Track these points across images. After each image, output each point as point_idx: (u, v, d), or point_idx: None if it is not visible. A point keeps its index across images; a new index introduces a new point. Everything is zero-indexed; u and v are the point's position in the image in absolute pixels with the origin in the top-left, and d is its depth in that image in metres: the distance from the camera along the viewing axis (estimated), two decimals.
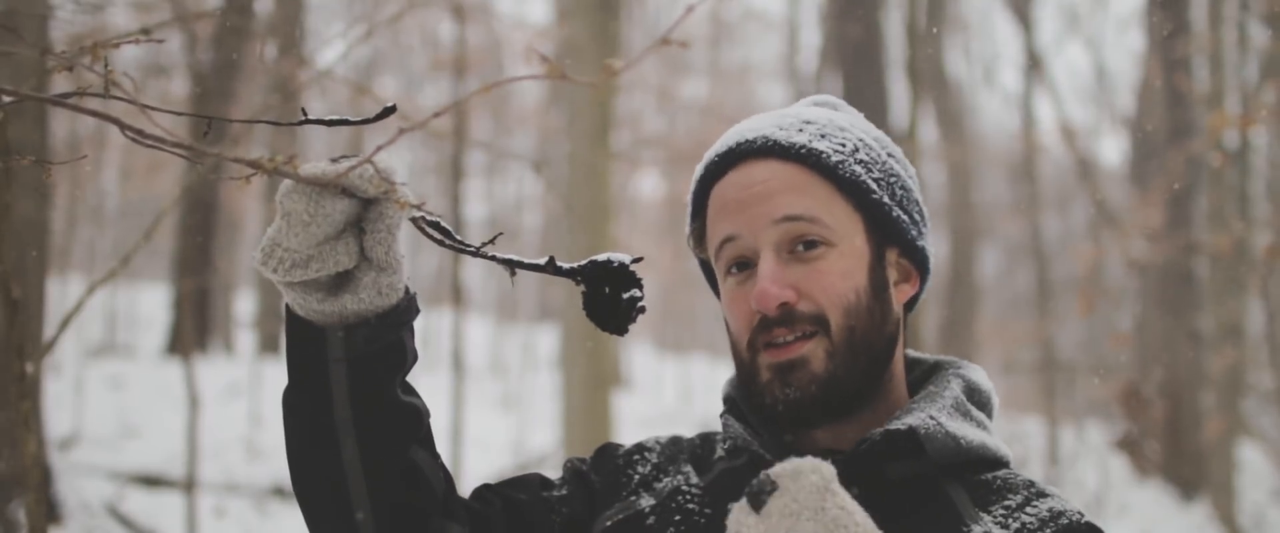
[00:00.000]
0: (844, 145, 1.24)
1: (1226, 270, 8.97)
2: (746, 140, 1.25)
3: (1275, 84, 8.05)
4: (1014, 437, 12.99)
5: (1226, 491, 9.35)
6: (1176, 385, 11.39)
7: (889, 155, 1.29)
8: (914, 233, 1.27)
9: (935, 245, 1.33)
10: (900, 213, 1.25)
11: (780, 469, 0.97)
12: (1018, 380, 16.41)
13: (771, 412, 1.22)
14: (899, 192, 1.26)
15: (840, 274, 1.20)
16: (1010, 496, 1.19)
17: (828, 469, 0.97)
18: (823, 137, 1.24)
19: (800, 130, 1.24)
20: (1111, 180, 16.76)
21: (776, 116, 1.28)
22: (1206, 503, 10.53)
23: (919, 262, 1.29)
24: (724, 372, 1.30)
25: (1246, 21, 9.04)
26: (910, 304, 1.31)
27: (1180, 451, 11.49)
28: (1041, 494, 1.19)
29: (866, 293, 1.21)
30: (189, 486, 6.07)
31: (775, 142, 1.23)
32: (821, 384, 1.19)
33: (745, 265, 1.23)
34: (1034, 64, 14.11)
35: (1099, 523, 1.17)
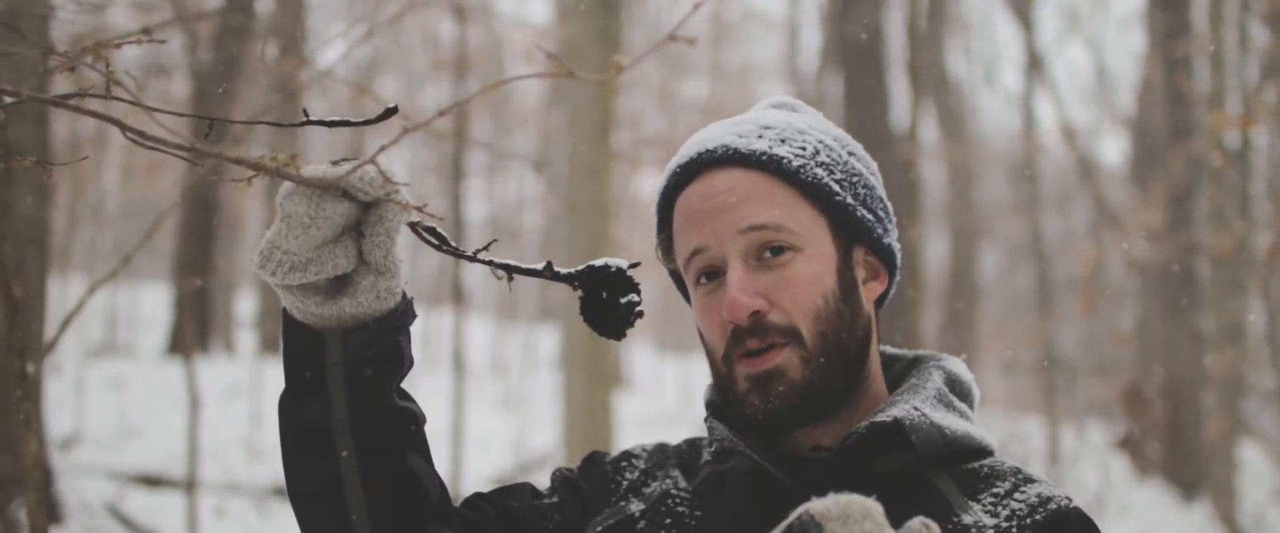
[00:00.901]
0: (804, 149, 1.25)
1: (1227, 271, 8.97)
2: (707, 150, 1.25)
3: (1276, 84, 8.05)
4: (1014, 437, 13.00)
5: (1227, 491, 9.35)
6: (1177, 385, 11.39)
7: (850, 154, 1.29)
8: (879, 231, 1.28)
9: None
10: (864, 212, 1.26)
11: (824, 510, 0.89)
12: (1018, 380, 16.42)
13: (752, 421, 1.22)
14: (862, 190, 1.27)
15: (808, 280, 1.21)
16: (998, 483, 1.20)
17: (878, 510, 0.90)
18: (783, 141, 1.25)
19: (759, 136, 1.25)
20: (1112, 180, 16.76)
21: (734, 123, 1.28)
22: (1207, 503, 10.53)
23: (886, 258, 1.30)
24: None
25: (1247, 21, 9.03)
26: (881, 300, 1.32)
27: (1181, 451, 11.49)
28: (1028, 481, 1.20)
29: (835, 296, 1.22)
30: (189, 486, 6.06)
31: (736, 149, 1.24)
32: (800, 392, 1.20)
33: (715, 275, 1.24)
34: (1034, 64, 14.11)
35: (1092, 517, 1.18)
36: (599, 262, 1.12)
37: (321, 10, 15.07)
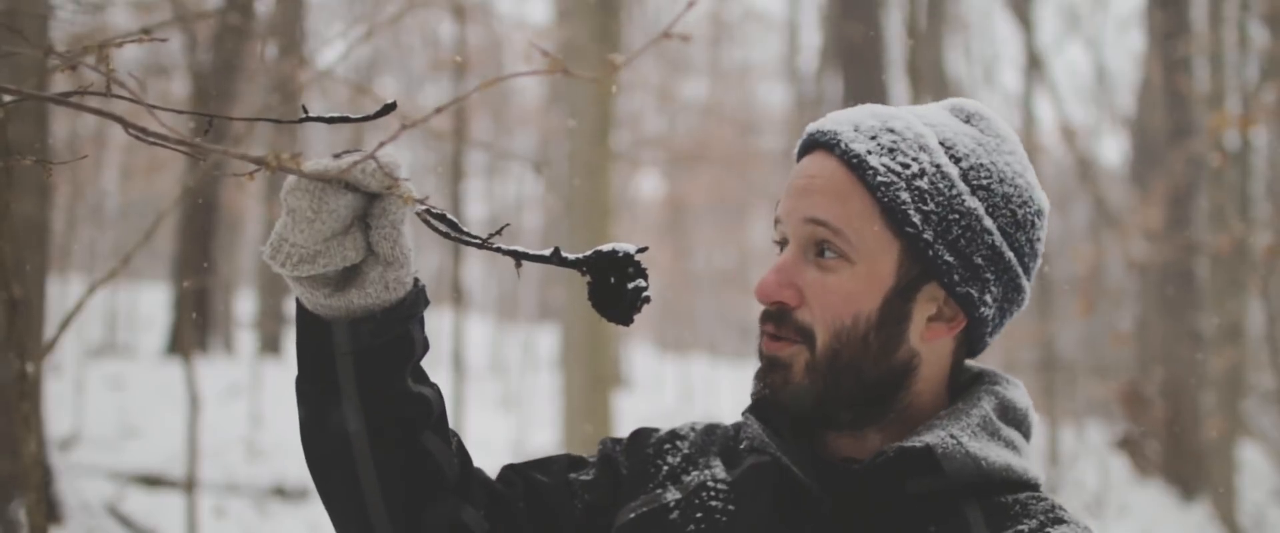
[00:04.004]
0: (907, 167, 1.17)
1: (1227, 271, 8.97)
2: (823, 130, 1.23)
3: (1275, 84, 8.05)
4: None
5: (1227, 491, 9.35)
6: (1176, 385, 11.38)
7: (979, 189, 1.19)
8: (957, 277, 1.18)
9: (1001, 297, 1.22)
10: (945, 252, 1.18)
11: None
12: (1018, 381, 16.39)
13: (752, 397, 1.23)
14: (958, 230, 1.17)
15: (844, 294, 1.17)
16: (1024, 521, 1.17)
17: None
18: (891, 152, 1.18)
19: (873, 138, 1.19)
20: (1111, 180, 16.76)
21: (871, 115, 1.22)
22: (1207, 503, 10.53)
23: (969, 310, 1.21)
24: (724, 371, 1.30)
25: (1246, 21, 9.03)
26: (972, 349, 1.25)
27: (1180, 451, 11.49)
28: (1058, 522, 1.16)
29: (868, 322, 1.18)
30: (189, 486, 6.06)
31: (840, 141, 1.20)
32: (795, 395, 1.18)
33: (785, 245, 1.23)
34: (1034, 64, 14.11)
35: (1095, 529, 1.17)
36: (607, 247, 1.12)
37: (321, 10, 15.07)
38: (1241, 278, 8.73)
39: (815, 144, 1.23)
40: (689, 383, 18.96)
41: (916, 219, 1.17)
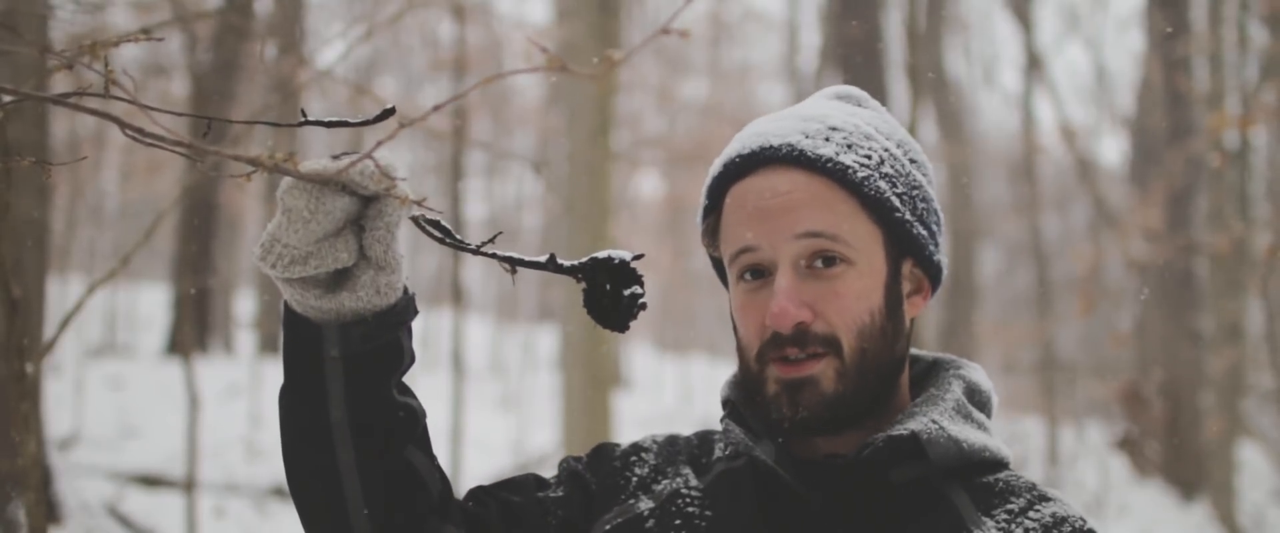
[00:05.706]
0: (870, 158, 1.21)
1: (1226, 270, 8.97)
2: (771, 146, 1.21)
3: (1275, 84, 8.05)
4: (1014, 437, 12.98)
5: (1226, 491, 9.35)
6: (1176, 385, 11.39)
7: (912, 163, 1.26)
8: (931, 248, 1.25)
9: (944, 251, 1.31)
10: (920, 228, 1.24)
11: None
12: (1018, 380, 16.41)
13: (777, 427, 1.21)
14: (920, 205, 1.24)
15: (857, 295, 1.19)
16: (1012, 499, 1.19)
17: None
18: (849, 147, 1.21)
19: (827, 139, 1.21)
20: (1111, 180, 16.76)
21: (801, 120, 1.24)
22: (1206, 503, 10.53)
23: (932, 274, 1.28)
24: (724, 371, 1.30)
25: (1246, 21, 9.02)
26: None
27: (1180, 451, 11.49)
28: (1044, 498, 1.18)
29: (881, 313, 1.20)
30: (189, 486, 6.06)
31: (802, 151, 1.20)
32: (830, 404, 1.18)
33: (760, 273, 1.21)
34: (1034, 64, 14.11)
35: (1101, 529, 1.18)
36: (602, 253, 1.12)
37: (321, 10, 15.07)
38: (1241, 278, 8.73)
39: (764, 162, 1.22)
40: (689, 383, 18.94)
41: (897, 204, 1.21)
